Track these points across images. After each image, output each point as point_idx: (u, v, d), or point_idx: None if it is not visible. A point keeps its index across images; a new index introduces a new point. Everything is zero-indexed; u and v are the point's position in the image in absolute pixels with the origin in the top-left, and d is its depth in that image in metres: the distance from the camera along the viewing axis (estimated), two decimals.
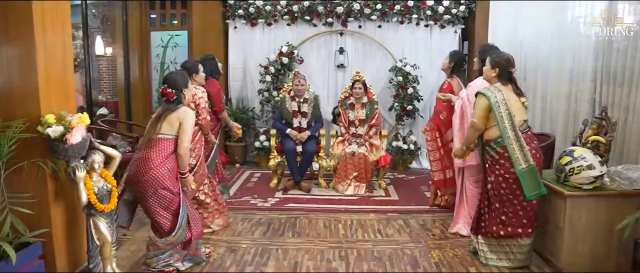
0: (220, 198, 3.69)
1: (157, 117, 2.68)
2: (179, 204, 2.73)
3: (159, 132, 2.61)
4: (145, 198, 2.63)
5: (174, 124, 2.62)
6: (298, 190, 4.76)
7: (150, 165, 2.55)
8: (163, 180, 2.59)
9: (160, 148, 2.60)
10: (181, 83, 2.74)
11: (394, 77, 5.80)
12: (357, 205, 4.34)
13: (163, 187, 2.60)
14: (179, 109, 2.66)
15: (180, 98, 2.71)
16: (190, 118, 2.69)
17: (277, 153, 4.90)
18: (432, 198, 4.31)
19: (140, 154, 2.61)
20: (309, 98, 4.88)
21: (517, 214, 2.82)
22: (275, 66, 5.81)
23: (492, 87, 2.77)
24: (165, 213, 2.69)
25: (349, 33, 5.98)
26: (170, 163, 2.64)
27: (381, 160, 4.71)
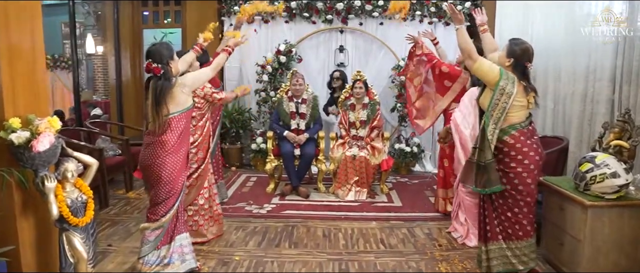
0: (217, 206, 3.45)
1: (157, 99, 2.48)
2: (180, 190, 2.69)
3: (168, 114, 2.50)
4: (156, 183, 2.57)
5: (179, 99, 2.53)
6: (296, 196, 4.52)
7: (166, 149, 2.52)
8: (174, 169, 2.56)
9: (173, 128, 2.54)
10: (167, 55, 2.53)
11: (397, 77, 5.55)
12: (358, 212, 4.10)
13: (172, 179, 2.57)
14: (176, 83, 2.52)
15: (168, 71, 2.50)
16: (190, 77, 2.64)
17: (274, 156, 4.66)
18: (437, 204, 4.07)
19: (155, 139, 2.53)
20: (307, 98, 4.65)
21: (522, 211, 2.56)
22: (272, 65, 5.57)
23: (510, 75, 2.51)
24: (168, 201, 2.63)
25: (349, 31, 5.75)
26: (185, 140, 2.65)
27: (383, 164, 4.47)
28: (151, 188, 2.66)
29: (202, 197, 3.29)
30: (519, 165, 2.51)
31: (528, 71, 2.54)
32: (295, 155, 4.51)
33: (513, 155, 2.51)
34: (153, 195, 2.65)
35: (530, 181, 2.51)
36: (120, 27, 5.94)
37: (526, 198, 2.53)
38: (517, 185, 2.52)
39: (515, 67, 2.54)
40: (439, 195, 4.06)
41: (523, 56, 2.53)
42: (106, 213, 4.06)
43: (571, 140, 3.77)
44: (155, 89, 2.50)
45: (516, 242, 2.59)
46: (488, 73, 2.53)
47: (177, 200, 2.68)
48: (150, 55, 2.52)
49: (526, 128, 2.53)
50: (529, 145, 2.51)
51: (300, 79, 4.60)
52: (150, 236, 2.64)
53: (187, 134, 2.72)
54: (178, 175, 2.64)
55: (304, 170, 4.58)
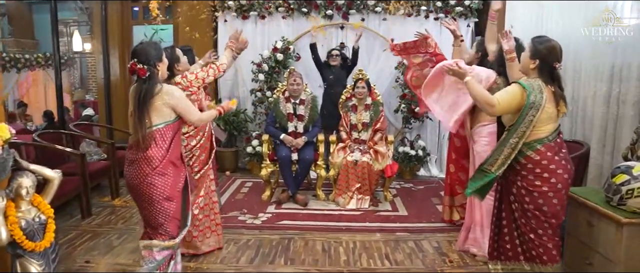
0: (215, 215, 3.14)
1: (139, 107, 2.22)
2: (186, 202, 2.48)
3: (151, 126, 2.24)
4: (148, 205, 2.30)
5: (162, 112, 2.26)
6: (293, 204, 4.21)
7: (153, 167, 2.24)
8: (165, 188, 2.28)
9: (159, 142, 2.27)
10: (154, 56, 2.27)
11: (401, 76, 5.24)
12: (360, 222, 3.79)
13: (166, 198, 2.29)
14: (161, 92, 2.24)
15: (154, 74, 2.24)
16: (178, 96, 2.32)
17: (270, 161, 4.35)
18: (445, 213, 3.76)
19: (139, 154, 2.25)
20: (305, 99, 4.33)
21: (547, 233, 2.25)
22: (268, 63, 5.26)
23: (535, 84, 2.20)
24: (173, 222, 2.37)
25: (350, 26, 5.42)
26: (175, 155, 2.36)
27: (387, 170, 4.16)
28: (142, 209, 2.36)
29: (196, 207, 2.99)
30: (545, 183, 2.20)
31: (557, 72, 2.23)
32: (292, 160, 4.20)
33: (538, 173, 2.21)
34: (147, 217, 2.35)
35: (557, 202, 2.21)
36: (108, 23, 5.63)
37: (551, 220, 2.22)
38: (541, 206, 2.21)
39: (541, 69, 2.22)
40: (445, 202, 3.76)
41: (550, 55, 2.22)
42: (88, 224, 3.75)
43: (592, 145, 3.45)
44: (138, 93, 2.24)
45: (540, 267, 2.28)
46: (512, 101, 2.21)
47: (186, 216, 2.46)
48: (135, 54, 2.25)
49: (554, 141, 2.22)
50: (556, 162, 2.20)
51: (298, 78, 4.29)
52: (157, 255, 2.34)
53: (177, 146, 2.39)
54: (173, 191, 2.33)
55: (302, 176, 4.27)
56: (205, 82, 2.93)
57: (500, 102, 2.21)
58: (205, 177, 3.01)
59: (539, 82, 2.21)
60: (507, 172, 2.29)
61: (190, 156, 2.92)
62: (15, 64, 8.40)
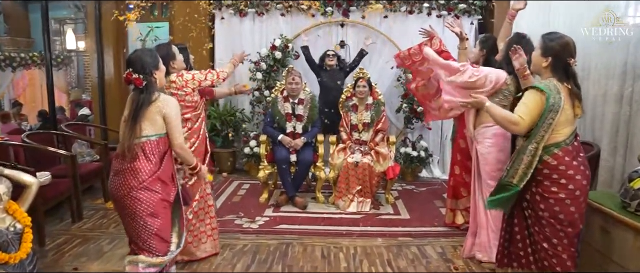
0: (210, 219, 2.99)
1: (132, 115, 2.11)
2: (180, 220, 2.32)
3: (141, 135, 2.11)
4: (132, 219, 2.15)
5: (156, 121, 2.15)
6: (292, 206, 4.07)
7: (140, 180, 2.11)
8: (150, 204, 2.13)
9: (148, 154, 2.14)
10: (150, 64, 2.16)
11: (403, 75, 5.10)
12: (361, 226, 3.65)
13: (150, 214, 2.14)
14: (157, 100, 2.13)
15: (151, 83, 2.14)
16: (174, 107, 2.20)
17: (267, 162, 4.21)
18: (449, 216, 3.62)
19: (125, 165, 2.12)
20: (304, 98, 4.19)
21: (562, 243, 2.11)
22: (266, 62, 5.11)
23: (550, 84, 2.06)
24: (157, 239, 2.20)
25: (350, 24, 5.28)
26: (166, 172, 2.21)
27: (389, 172, 4.02)
28: (125, 223, 2.22)
29: (191, 212, 2.85)
30: (562, 190, 2.06)
31: (572, 69, 2.09)
32: (291, 161, 4.06)
33: (555, 179, 2.07)
34: (130, 231, 2.21)
35: (574, 209, 2.06)
36: (102, 21, 5.48)
37: (567, 229, 2.08)
38: (557, 214, 2.07)
39: (554, 67, 2.09)
40: (448, 205, 3.62)
41: (563, 52, 2.08)
42: (78, 228, 3.61)
43: (603, 146, 3.31)
44: (136, 102, 2.12)
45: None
46: (535, 110, 2.06)
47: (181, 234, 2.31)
48: (130, 64, 2.14)
49: (571, 144, 2.09)
50: (574, 167, 2.06)
51: (296, 77, 4.15)
52: (143, 270, 2.20)
53: (169, 164, 2.24)
54: (159, 207, 2.18)
55: (300, 178, 4.13)
56: (201, 84, 2.80)
57: (523, 118, 2.07)
58: (200, 182, 2.87)
59: (554, 81, 2.07)
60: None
61: None
62: (11, 62, 8.28)
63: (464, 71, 2.83)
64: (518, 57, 2.43)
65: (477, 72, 2.80)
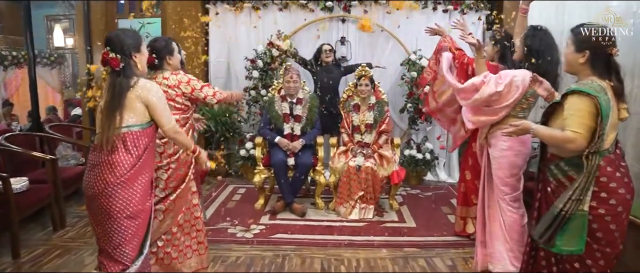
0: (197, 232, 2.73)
1: (110, 102, 1.91)
2: (148, 227, 2.09)
3: (120, 125, 1.93)
4: (105, 221, 1.95)
5: (137, 109, 1.96)
6: (290, 213, 3.81)
7: (117, 175, 1.92)
8: (129, 203, 1.95)
9: (129, 147, 1.96)
10: (131, 45, 1.97)
11: (407, 73, 4.84)
12: (364, 235, 3.40)
13: (128, 215, 1.96)
14: (136, 85, 1.95)
15: (130, 66, 1.96)
16: (155, 92, 2.00)
17: (263, 166, 3.95)
18: (458, 225, 3.36)
19: (102, 158, 1.93)
20: (303, 98, 3.94)
21: (597, 264, 1.85)
22: (263, 59, 4.86)
23: (595, 85, 1.79)
24: (130, 246, 2.00)
25: (352, 20, 5.02)
26: (147, 168, 2.03)
27: (394, 177, 3.76)
28: (98, 225, 2.00)
29: (175, 225, 2.59)
30: (602, 205, 1.79)
31: (614, 61, 1.83)
32: (288, 165, 3.80)
33: (595, 192, 1.79)
34: (102, 236, 1.99)
35: (615, 227, 1.79)
36: (91, 17, 5.22)
37: (605, 249, 1.81)
38: (594, 231, 1.80)
39: (593, 62, 1.83)
40: (458, 213, 3.36)
41: (601, 42, 1.81)
42: (60, 238, 3.36)
43: (627, 150, 3.04)
44: (112, 87, 1.92)
45: None
46: (589, 118, 1.76)
47: (146, 238, 2.07)
48: (109, 42, 1.95)
49: (613, 152, 1.83)
50: (617, 179, 1.79)
51: (294, 75, 3.89)
52: None
53: (150, 158, 2.06)
54: (137, 209, 1.99)
55: (299, 183, 3.87)
56: (193, 93, 2.54)
57: (579, 131, 1.75)
58: (187, 192, 2.60)
59: (596, 80, 1.80)
60: (554, 186, 1.90)
61: (166, 168, 2.51)
62: (2, 61, 8.04)
63: (487, 82, 2.52)
64: (540, 85, 2.18)
65: (500, 78, 2.49)
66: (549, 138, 1.90)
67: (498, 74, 2.54)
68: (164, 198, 2.51)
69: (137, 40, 2.01)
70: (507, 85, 2.43)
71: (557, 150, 1.90)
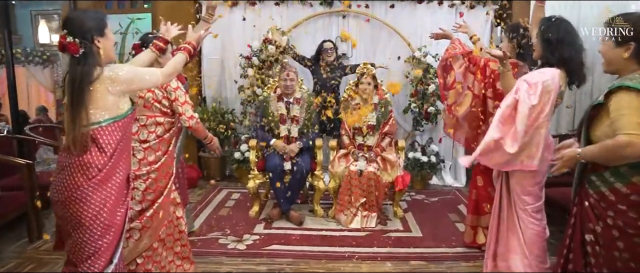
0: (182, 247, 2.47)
1: (72, 97, 1.67)
2: (120, 235, 1.83)
3: (88, 122, 1.68)
4: (75, 230, 1.71)
5: (106, 102, 1.72)
6: (286, 221, 3.54)
7: (89, 177, 1.69)
8: (103, 208, 1.72)
9: (102, 145, 1.72)
10: (93, 28, 1.71)
11: (411, 71, 4.57)
12: (366, 247, 3.13)
13: (102, 222, 1.72)
14: (101, 75, 1.69)
15: (92, 53, 1.69)
16: (125, 75, 1.74)
17: (258, 171, 3.68)
18: (468, 234, 3.09)
19: (72, 160, 1.69)
20: (301, 97, 3.67)
21: None
22: (259, 57, 4.58)
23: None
24: (102, 257, 1.76)
25: (353, 15, 4.75)
26: (122, 164, 1.80)
27: (398, 182, 3.49)
28: (67, 236, 1.76)
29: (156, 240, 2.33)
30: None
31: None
32: (285, 170, 3.52)
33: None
34: (72, 246, 1.75)
35: None
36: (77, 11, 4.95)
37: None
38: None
39: (638, 53, 1.55)
40: (468, 222, 3.09)
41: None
42: (35, 249, 3.09)
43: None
44: (72, 79, 1.67)
45: None
46: None
47: (116, 250, 1.82)
48: (66, 24, 1.69)
49: None
50: None
51: (291, 73, 3.62)
52: None
53: (124, 155, 1.82)
54: (113, 213, 1.76)
55: (296, 189, 3.59)
56: (174, 102, 2.37)
57: (635, 132, 1.51)
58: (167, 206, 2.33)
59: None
60: (594, 201, 1.63)
61: (144, 178, 2.25)
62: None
63: (522, 100, 2.09)
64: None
65: (531, 88, 2.11)
66: (602, 153, 1.63)
67: (524, 83, 2.15)
68: (139, 213, 2.24)
69: (100, 23, 1.74)
70: (539, 93, 2.09)
71: (607, 160, 1.63)
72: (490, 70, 2.71)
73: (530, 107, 2.03)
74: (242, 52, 4.67)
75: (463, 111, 2.88)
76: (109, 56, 1.80)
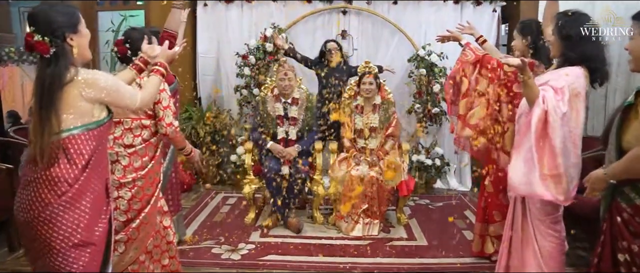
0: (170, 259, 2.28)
1: (41, 102, 1.48)
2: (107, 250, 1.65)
3: (59, 130, 1.48)
4: (44, 255, 1.51)
5: (79, 108, 1.52)
6: (284, 229, 3.36)
7: (59, 191, 1.49)
8: (76, 229, 1.50)
9: (72, 156, 1.51)
10: (63, 23, 1.51)
11: (415, 70, 4.38)
12: (369, 257, 2.94)
13: (75, 244, 1.51)
14: (76, 79, 1.50)
15: (64, 52, 1.50)
16: (104, 82, 1.55)
17: (254, 175, 3.49)
18: (476, 243, 2.91)
19: (38, 173, 1.49)
20: (299, 98, 3.48)
21: None
22: (256, 55, 4.40)
23: None
24: None
25: (354, 11, 4.56)
26: (97, 177, 1.59)
27: (402, 188, 3.30)
28: (34, 260, 1.58)
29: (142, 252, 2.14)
30: None
31: None
32: (282, 174, 3.33)
33: None
34: (42, 270, 1.56)
35: None
36: None
37: None
38: None
39: None
40: (477, 231, 2.90)
41: None
42: (16, 259, 2.91)
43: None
44: (41, 82, 1.48)
45: None
46: None
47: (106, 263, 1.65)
48: (33, 21, 1.50)
49: None
50: None
51: (289, 72, 3.43)
52: None
53: (100, 168, 1.61)
54: (90, 233, 1.56)
55: (294, 195, 3.40)
56: (155, 105, 2.16)
57: None
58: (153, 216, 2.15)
59: None
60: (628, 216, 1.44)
61: (130, 186, 2.06)
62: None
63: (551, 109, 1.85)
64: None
65: (558, 94, 1.88)
66: (631, 165, 1.45)
67: (549, 89, 1.92)
68: (125, 224, 2.06)
69: (71, 18, 1.54)
70: (567, 99, 1.87)
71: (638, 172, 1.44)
72: (504, 72, 2.52)
73: (562, 116, 1.82)
74: (238, 50, 4.48)
75: (477, 120, 2.66)
76: (83, 55, 1.61)
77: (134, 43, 2.15)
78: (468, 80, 2.67)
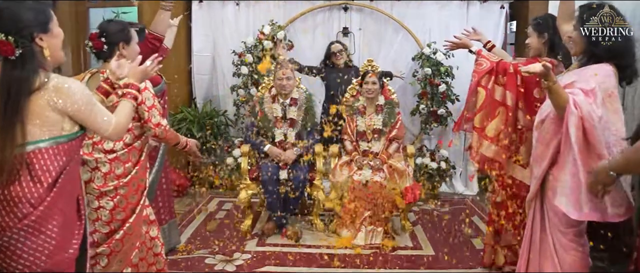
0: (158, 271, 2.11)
1: (4, 111, 1.30)
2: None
3: (23, 142, 1.31)
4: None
5: (47, 118, 1.34)
6: (282, 237, 3.18)
7: (20, 214, 1.30)
8: (40, 256, 1.32)
9: (37, 172, 1.33)
10: (32, 21, 1.34)
11: (420, 69, 4.20)
12: (372, 268, 2.76)
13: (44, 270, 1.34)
14: (46, 87, 1.33)
15: (33, 54, 1.33)
16: (79, 95, 1.37)
17: (250, 180, 3.31)
18: (487, 254, 2.72)
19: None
20: (298, 98, 3.30)
21: None
22: (254, 53, 4.22)
23: None
24: None
25: (355, 8, 4.38)
26: (66, 197, 1.40)
27: (407, 194, 3.12)
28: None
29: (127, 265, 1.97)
30: None
31: None
32: (280, 179, 3.16)
33: None
34: None
35: None
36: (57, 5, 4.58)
37: None
38: None
39: None
40: (486, 241, 2.73)
41: None
42: None
43: None
44: (6, 87, 1.31)
45: None
46: None
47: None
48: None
49: None
50: None
51: (288, 71, 3.25)
52: None
53: (71, 182, 1.43)
54: (59, 259, 1.38)
55: (293, 201, 3.21)
56: (139, 106, 1.94)
57: None
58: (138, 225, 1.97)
59: None
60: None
61: (112, 194, 1.88)
62: None
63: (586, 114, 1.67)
64: None
65: (590, 96, 1.70)
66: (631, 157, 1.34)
67: (579, 92, 1.73)
68: (108, 236, 1.88)
69: (41, 15, 1.36)
70: (598, 100, 1.68)
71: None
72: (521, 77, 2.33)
73: (598, 120, 1.63)
74: (235, 48, 4.30)
75: (495, 132, 2.45)
76: (56, 57, 1.42)
77: (110, 36, 1.94)
78: (485, 90, 2.47)
